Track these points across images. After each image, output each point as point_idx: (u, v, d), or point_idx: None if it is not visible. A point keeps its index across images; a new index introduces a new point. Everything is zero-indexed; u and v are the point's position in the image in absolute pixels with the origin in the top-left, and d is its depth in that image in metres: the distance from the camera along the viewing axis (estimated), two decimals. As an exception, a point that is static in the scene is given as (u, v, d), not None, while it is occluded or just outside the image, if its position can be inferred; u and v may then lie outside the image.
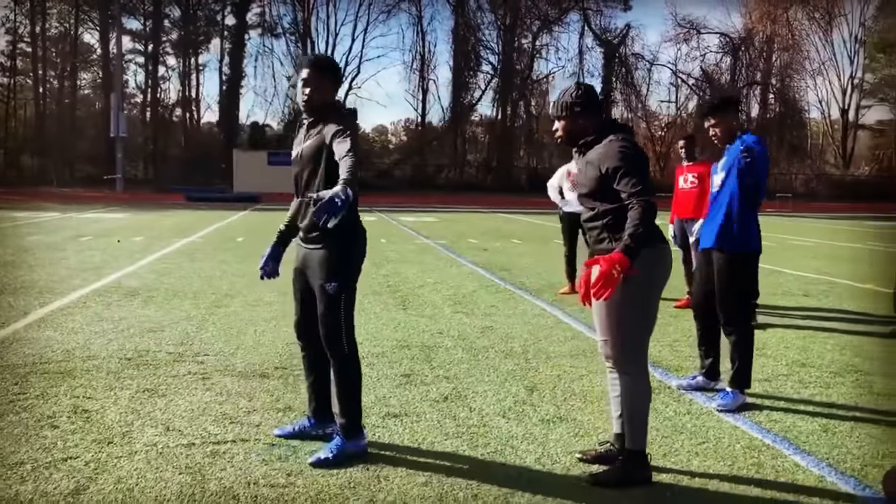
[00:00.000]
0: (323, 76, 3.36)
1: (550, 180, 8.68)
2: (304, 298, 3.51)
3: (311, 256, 3.39)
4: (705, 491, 3.14)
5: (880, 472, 3.32)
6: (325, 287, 3.32)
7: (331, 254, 3.31)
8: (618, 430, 3.36)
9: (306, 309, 3.51)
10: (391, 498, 3.00)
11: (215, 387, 4.46)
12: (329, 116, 3.34)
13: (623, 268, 2.91)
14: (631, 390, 3.23)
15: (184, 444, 3.53)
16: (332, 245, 3.32)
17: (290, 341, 5.62)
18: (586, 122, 3.33)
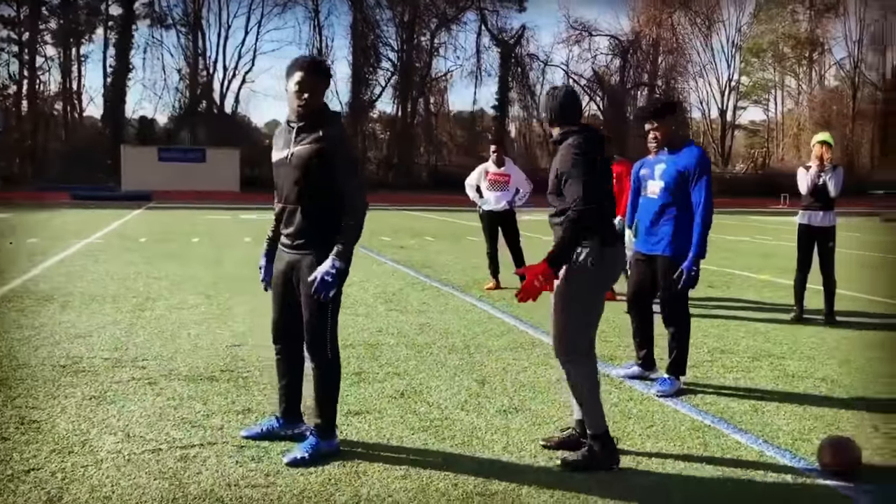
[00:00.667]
0: (319, 80, 3.37)
1: (468, 179, 8.88)
2: (287, 303, 3.52)
3: (299, 262, 3.39)
4: (665, 471, 3.39)
5: (810, 445, 3.68)
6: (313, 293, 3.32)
7: (319, 260, 3.32)
8: (578, 416, 3.58)
9: (287, 314, 3.53)
10: (374, 492, 3.09)
11: (165, 392, 4.38)
12: (322, 122, 3.36)
13: (545, 278, 3.16)
14: (574, 376, 3.44)
15: (150, 450, 3.47)
16: (320, 252, 3.34)
17: (229, 344, 5.58)
18: (558, 124, 3.51)
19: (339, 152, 3.34)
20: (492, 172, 8.66)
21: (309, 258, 3.35)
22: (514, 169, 8.82)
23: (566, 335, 3.42)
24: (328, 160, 3.30)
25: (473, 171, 8.94)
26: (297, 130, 3.37)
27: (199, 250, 12.10)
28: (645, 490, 3.19)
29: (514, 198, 8.63)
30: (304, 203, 3.35)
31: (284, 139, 3.44)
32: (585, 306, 3.42)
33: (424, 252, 12.55)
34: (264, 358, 5.15)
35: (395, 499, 3.03)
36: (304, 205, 3.35)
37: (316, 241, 3.34)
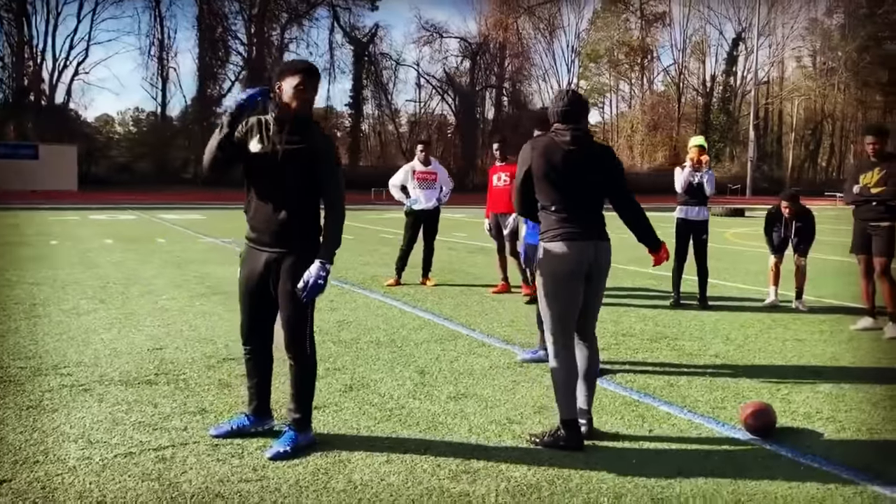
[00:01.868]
0: (316, 85, 3.46)
1: (392, 179, 9.05)
2: (259, 303, 3.56)
3: (278, 261, 3.44)
4: (620, 442, 3.78)
5: (726, 412, 4.22)
6: (296, 292, 3.40)
7: (301, 259, 3.40)
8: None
9: (260, 313, 3.58)
10: (366, 477, 3.24)
11: (106, 397, 4.26)
12: (310, 124, 3.46)
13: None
14: (551, 365, 3.77)
15: (122, 454, 3.43)
16: (301, 250, 3.42)
17: (150, 347, 5.45)
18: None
19: (329, 155, 3.45)
20: (419, 171, 8.85)
21: (291, 258, 3.42)
22: (440, 167, 9.08)
23: (545, 327, 3.80)
24: (318, 162, 3.41)
25: (398, 170, 9.09)
26: (286, 129, 3.43)
27: (64, 253, 11.37)
28: (608, 458, 3.55)
29: (440, 195, 8.88)
30: (296, 201, 3.42)
31: (265, 133, 3.45)
32: (551, 298, 3.76)
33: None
34: (193, 360, 5.12)
35: (387, 482, 3.21)
36: (295, 203, 3.42)
37: (298, 240, 3.43)
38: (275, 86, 3.44)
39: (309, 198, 3.45)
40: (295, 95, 3.37)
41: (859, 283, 6.91)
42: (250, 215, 3.55)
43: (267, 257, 3.47)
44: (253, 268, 3.52)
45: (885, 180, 6.46)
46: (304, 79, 3.38)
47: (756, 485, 3.24)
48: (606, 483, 3.23)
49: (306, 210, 3.45)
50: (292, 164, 3.39)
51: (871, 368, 5.34)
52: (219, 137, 3.36)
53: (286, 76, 3.40)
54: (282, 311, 3.49)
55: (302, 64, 3.44)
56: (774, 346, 5.98)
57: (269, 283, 3.49)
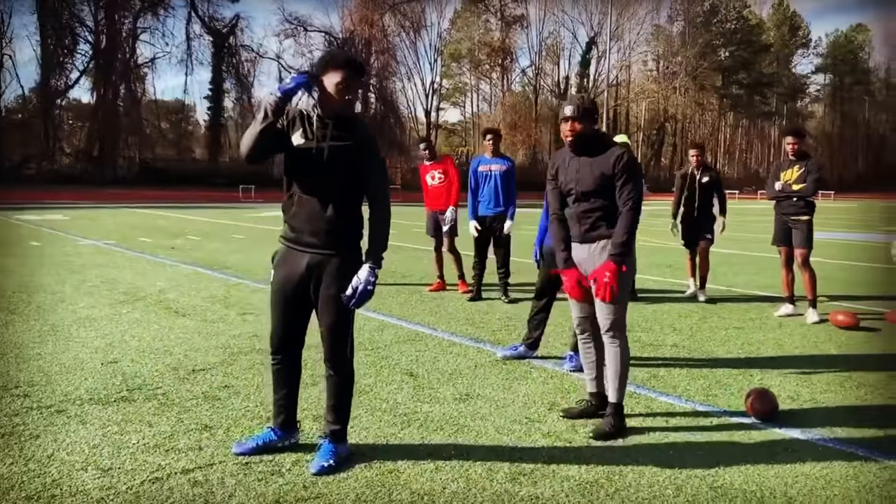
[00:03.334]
0: (360, 80, 3.25)
1: None
2: (296, 309, 3.34)
3: (323, 264, 3.23)
4: (648, 439, 3.87)
5: (720, 398, 4.43)
6: (342, 297, 3.20)
7: (347, 261, 3.22)
8: (592, 389, 4.05)
9: (295, 320, 3.36)
10: (426, 487, 3.13)
11: (89, 418, 3.86)
12: (356, 121, 3.26)
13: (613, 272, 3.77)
14: (625, 354, 3.89)
15: (148, 481, 3.11)
16: (347, 252, 3.24)
17: (102, 361, 4.99)
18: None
19: (376, 153, 3.28)
20: None
21: (336, 260, 3.22)
22: None
23: (621, 315, 3.86)
24: (364, 157, 3.24)
25: None
26: (331, 125, 3.23)
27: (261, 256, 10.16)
28: (646, 451, 3.62)
29: None
30: (341, 200, 3.22)
31: (309, 129, 3.24)
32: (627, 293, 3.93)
33: (204, 250, 11.85)
34: (160, 373, 4.76)
35: (450, 490, 3.11)
36: (341, 202, 3.22)
37: (343, 241, 3.24)
38: (316, 78, 3.23)
39: (354, 196, 3.27)
40: (336, 93, 3.18)
41: (780, 273, 7.47)
42: (290, 213, 3.30)
43: (309, 259, 3.25)
44: (292, 270, 3.29)
45: (804, 177, 7.02)
46: (345, 76, 3.18)
47: (790, 468, 3.42)
48: (661, 476, 3.30)
49: (352, 209, 3.27)
50: (339, 160, 3.20)
51: (816, 354, 5.77)
52: (262, 125, 3.10)
53: (328, 70, 3.19)
54: (323, 318, 3.29)
55: (344, 58, 3.23)
56: (719, 334, 6.34)
57: (309, 288, 3.28)
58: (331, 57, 3.23)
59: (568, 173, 3.97)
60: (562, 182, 4.01)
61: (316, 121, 3.24)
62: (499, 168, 7.73)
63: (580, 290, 3.94)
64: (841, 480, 3.30)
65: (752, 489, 3.18)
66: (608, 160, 3.80)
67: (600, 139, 3.94)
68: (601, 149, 3.87)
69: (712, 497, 3.09)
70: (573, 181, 3.92)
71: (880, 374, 5.10)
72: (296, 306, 3.34)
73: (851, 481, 3.29)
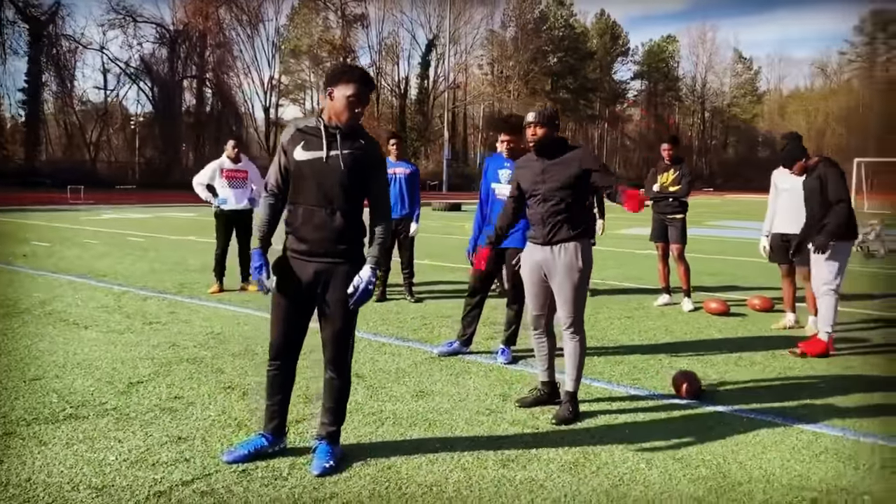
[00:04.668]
0: (370, 93, 3.32)
1: (197, 177, 8.38)
2: (301, 317, 3.41)
3: (330, 271, 3.31)
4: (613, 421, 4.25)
5: (640, 381, 4.93)
6: (348, 302, 3.29)
7: (354, 268, 3.32)
8: (544, 378, 4.34)
9: (297, 327, 3.42)
10: (430, 479, 3.31)
11: (51, 440, 3.66)
12: (361, 130, 3.34)
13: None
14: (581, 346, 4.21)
15: (154, 495, 3.06)
16: (353, 259, 3.34)
17: (23, 379, 4.68)
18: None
19: (379, 159, 3.40)
20: (228, 169, 8.30)
21: (344, 267, 3.32)
22: (251, 166, 8.60)
23: (580, 312, 4.14)
24: (371, 167, 3.34)
25: (205, 168, 8.44)
26: (340, 136, 3.31)
27: None
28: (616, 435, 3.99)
29: (253, 195, 8.44)
30: (349, 208, 3.31)
31: (315, 140, 3.31)
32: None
33: (68, 258, 11.05)
34: (96, 388, 4.56)
35: (453, 479, 3.30)
36: (349, 210, 3.31)
37: (351, 249, 3.34)
38: (327, 91, 3.31)
39: (359, 203, 3.38)
40: (346, 106, 3.27)
41: (657, 267, 8.23)
42: (296, 225, 3.35)
43: (316, 268, 3.32)
44: (299, 280, 3.34)
45: (679, 180, 7.80)
46: (357, 90, 3.28)
47: (730, 438, 3.93)
48: (629, 452, 3.68)
49: (357, 216, 3.37)
50: (346, 171, 3.29)
51: (705, 338, 6.47)
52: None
53: (339, 83, 3.27)
54: (329, 323, 3.36)
55: (360, 73, 3.33)
56: (616, 324, 6.93)
57: (315, 296, 3.35)
58: (346, 70, 3.33)
59: (534, 175, 4.22)
60: (525, 185, 4.26)
61: (324, 132, 3.31)
62: (403, 171, 7.91)
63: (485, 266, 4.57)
64: (772, 445, 3.84)
65: (707, 458, 3.64)
66: (572, 160, 4.13)
67: (562, 143, 4.24)
68: (563, 151, 4.19)
69: (679, 467, 3.51)
70: (540, 182, 4.18)
71: (763, 353, 5.83)
72: (300, 313, 3.41)
73: (781, 445, 3.84)
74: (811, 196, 5.81)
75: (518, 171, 4.38)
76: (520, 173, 4.35)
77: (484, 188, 5.65)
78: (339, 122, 3.31)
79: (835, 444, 3.86)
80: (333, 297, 3.34)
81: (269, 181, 3.44)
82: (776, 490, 3.28)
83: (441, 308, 7.53)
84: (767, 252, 6.96)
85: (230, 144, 8.60)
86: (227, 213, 8.32)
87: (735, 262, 12.82)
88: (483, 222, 5.66)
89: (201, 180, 8.33)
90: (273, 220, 3.44)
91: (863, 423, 4.19)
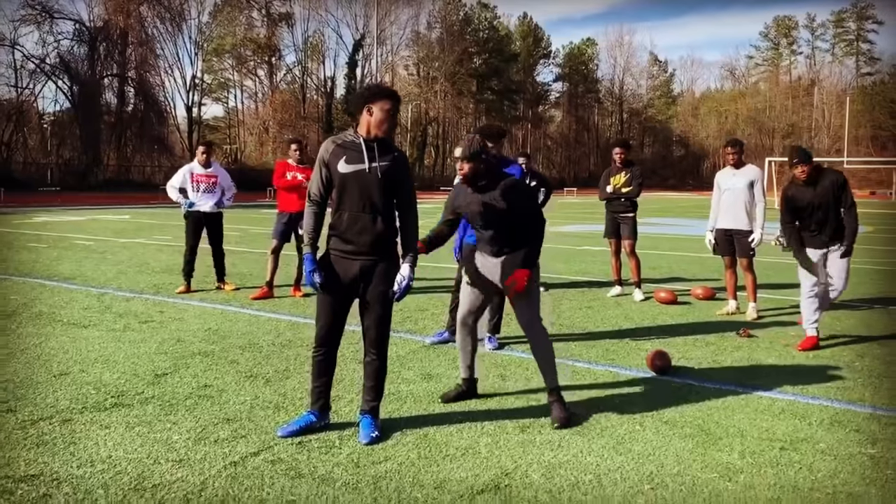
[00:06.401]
0: (400, 108, 3.79)
1: (171, 181, 8.64)
2: (344, 307, 3.88)
3: (372, 267, 3.80)
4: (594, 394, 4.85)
5: (614, 360, 5.57)
6: (389, 293, 3.81)
7: (393, 264, 3.84)
8: (465, 375, 4.64)
9: (341, 316, 3.90)
10: (465, 443, 3.82)
11: (111, 424, 4.01)
12: (392, 143, 3.83)
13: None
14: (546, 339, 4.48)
15: (232, 464, 3.48)
16: (392, 257, 3.86)
17: (53, 374, 4.97)
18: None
19: (409, 170, 3.90)
20: (198, 174, 8.56)
21: (383, 264, 3.82)
22: (221, 171, 8.86)
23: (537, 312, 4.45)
24: (402, 175, 3.84)
25: (177, 172, 8.67)
26: (377, 149, 3.79)
27: None
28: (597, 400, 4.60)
29: (222, 199, 8.70)
30: (387, 212, 3.79)
31: (355, 154, 3.77)
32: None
33: (27, 262, 11.00)
34: (127, 380, 4.91)
35: (485, 442, 3.83)
36: (387, 214, 3.79)
37: (389, 247, 3.84)
38: (364, 106, 3.78)
39: (393, 208, 3.87)
40: (386, 117, 3.78)
41: (610, 261, 8.97)
42: (342, 229, 3.81)
43: (361, 264, 3.80)
44: (344, 275, 3.82)
45: (630, 182, 8.54)
46: (393, 104, 3.80)
47: (705, 404, 4.60)
48: (626, 416, 4.30)
49: (393, 219, 3.86)
50: (384, 180, 3.78)
51: (661, 324, 7.20)
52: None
53: (378, 99, 3.77)
54: (372, 312, 3.85)
55: (391, 90, 3.89)
56: (579, 313, 7.60)
57: (358, 288, 3.83)
58: (383, 88, 3.89)
59: (470, 207, 4.37)
60: (465, 214, 4.45)
61: (364, 145, 3.79)
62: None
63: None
64: (739, 408, 4.52)
65: (689, 420, 4.28)
66: (499, 193, 4.26)
67: (490, 173, 4.30)
68: (493, 183, 4.29)
69: (667, 428, 4.14)
70: (476, 214, 4.35)
71: (714, 335, 6.59)
72: (344, 305, 3.88)
73: (746, 408, 4.52)
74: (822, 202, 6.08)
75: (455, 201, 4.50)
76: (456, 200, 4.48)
77: None
78: (379, 133, 3.81)
79: (790, 406, 4.58)
80: (375, 289, 3.84)
81: (312, 191, 3.87)
82: (750, 441, 3.95)
83: (418, 302, 8.02)
84: (713, 245, 7.75)
85: (200, 150, 8.87)
86: (196, 215, 8.60)
87: (670, 256, 13.77)
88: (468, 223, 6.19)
89: (174, 184, 8.60)
90: (319, 226, 3.88)
91: (808, 389, 4.93)
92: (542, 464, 3.58)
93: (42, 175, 49.18)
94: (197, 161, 8.72)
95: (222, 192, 8.75)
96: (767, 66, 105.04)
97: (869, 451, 3.84)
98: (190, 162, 8.94)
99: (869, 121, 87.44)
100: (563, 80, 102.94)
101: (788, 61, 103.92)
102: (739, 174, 7.48)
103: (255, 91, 75.07)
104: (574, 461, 3.63)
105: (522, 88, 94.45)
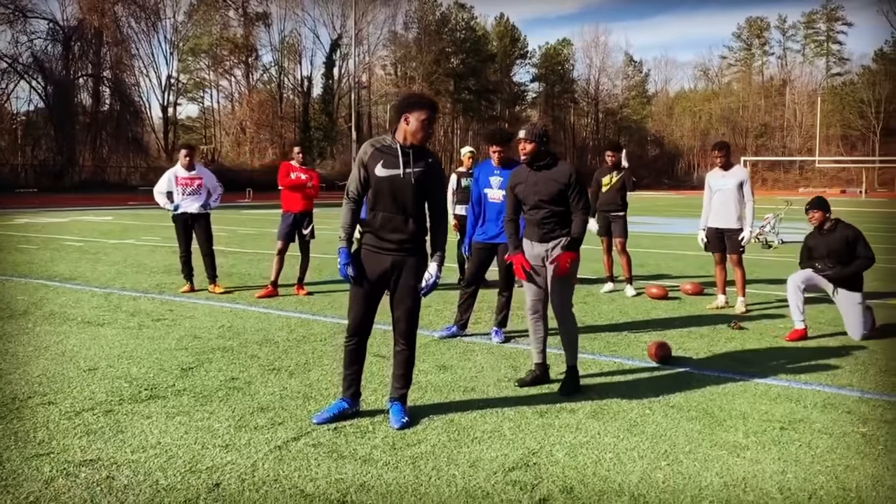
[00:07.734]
0: (436, 117, 4.04)
1: (157, 185, 8.74)
2: (376, 299, 4.13)
3: (403, 262, 4.05)
4: (607, 380, 5.14)
5: (617, 351, 5.87)
6: (418, 287, 4.06)
7: (422, 260, 4.10)
8: (538, 360, 5.04)
9: (373, 307, 4.14)
10: (492, 426, 4.09)
11: (152, 414, 4.22)
12: (426, 149, 4.07)
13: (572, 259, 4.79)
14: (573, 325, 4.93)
15: (277, 447, 3.71)
16: (421, 253, 4.12)
17: (82, 369, 5.15)
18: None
19: (442, 176, 4.16)
20: (182, 177, 8.68)
21: (413, 259, 4.08)
22: (206, 172, 8.99)
23: (570, 298, 4.89)
24: (434, 180, 4.09)
25: (162, 176, 8.80)
26: (413, 155, 4.03)
27: None
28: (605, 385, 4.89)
29: (209, 201, 8.84)
30: (418, 214, 4.05)
31: (392, 159, 4.02)
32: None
33: (24, 263, 11.07)
34: (157, 373, 5.11)
35: (508, 426, 4.10)
36: (418, 215, 4.05)
37: (419, 244, 4.11)
38: (401, 115, 4.02)
39: (424, 209, 4.13)
40: (421, 127, 4.02)
41: (602, 258, 9.28)
42: (376, 227, 4.06)
43: (393, 259, 4.06)
44: (375, 269, 4.07)
45: (621, 183, 8.86)
46: (430, 114, 4.04)
47: (706, 389, 4.91)
48: (634, 402, 4.59)
49: (424, 219, 4.12)
50: (416, 185, 4.03)
51: (655, 318, 7.52)
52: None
53: (415, 109, 4.01)
54: (402, 304, 4.10)
55: (429, 100, 4.11)
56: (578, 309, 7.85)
57: (389, 281, 4.08)
58: (420, 98, 4.11)
59: (527, 186, 4.98)
60: (521, 194, 5.01)
61: (400, 151, 4.04)
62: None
63: (523, 272, 4.96)
64: (739, 393, 4.84)
65: (694, 405, 4.59)
66: (562, 174, 4.90)
67: (552, 156, 5.03)
68: (553, 164, 4.98)
69: (675, 412, 4.44)
70: (532, 192, 4.95)
71: (707, 328, 6.92)
72: (375, 296, 4.13)
73: (745, 393, 4.84)
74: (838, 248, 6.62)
75: (515, 181, 5.03)
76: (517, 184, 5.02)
77: (475, 192, 6.46)
78: (414, 141, 4.05)
79: (785, 391, 4.91)
80: (406, 283, 4.09)
81: (350, 189, 4.11)
82: (753, 423, 4.26)
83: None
84: (705, 243, 8.08)
85: (182, 153, 8.88)
86: (183, 217, 8.72)
87: (656, 254, 14.14)
88: (476, 222, 6.48)
89: (160, 189, 8.69)
90: (354, 223, 4.12)
91: (800, 376, 5.26)
92: (565, 444, 3.86)
93: (15, 176, 48.62)
94: (180, 164, 8.80)
95: (208, 194, 8.84)
96: (740, 66, 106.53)
97: (861, 429, 4.17)
98: (170, 164, 9.01)
99: (839, 120, 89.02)
100: (539, 81, 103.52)
101: (761, 62, 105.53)
102: (729, 175, 7.83)
103: (232, 91, 74.79)
104: (593, 442, 3.91)
105: (499, 88, 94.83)
